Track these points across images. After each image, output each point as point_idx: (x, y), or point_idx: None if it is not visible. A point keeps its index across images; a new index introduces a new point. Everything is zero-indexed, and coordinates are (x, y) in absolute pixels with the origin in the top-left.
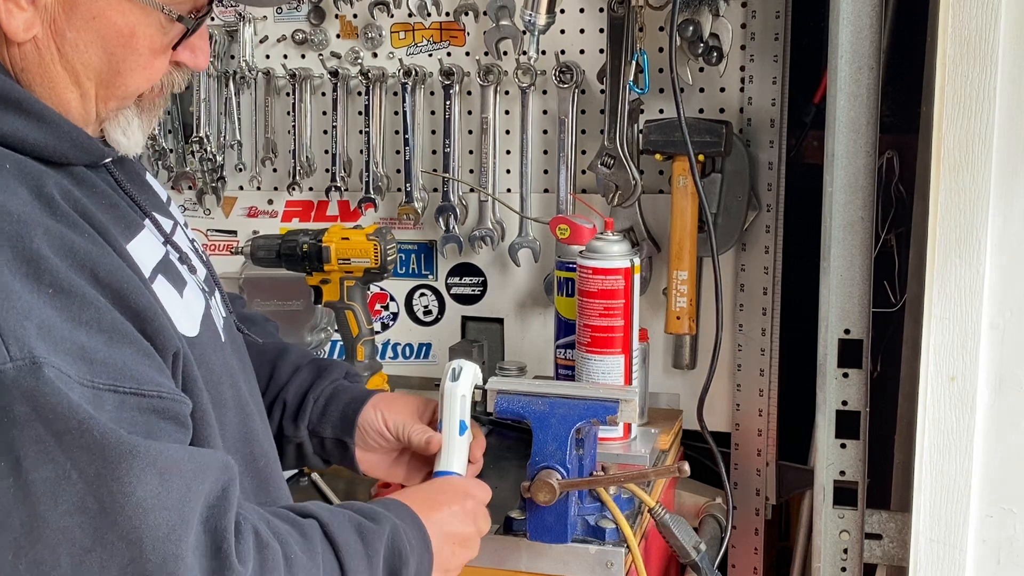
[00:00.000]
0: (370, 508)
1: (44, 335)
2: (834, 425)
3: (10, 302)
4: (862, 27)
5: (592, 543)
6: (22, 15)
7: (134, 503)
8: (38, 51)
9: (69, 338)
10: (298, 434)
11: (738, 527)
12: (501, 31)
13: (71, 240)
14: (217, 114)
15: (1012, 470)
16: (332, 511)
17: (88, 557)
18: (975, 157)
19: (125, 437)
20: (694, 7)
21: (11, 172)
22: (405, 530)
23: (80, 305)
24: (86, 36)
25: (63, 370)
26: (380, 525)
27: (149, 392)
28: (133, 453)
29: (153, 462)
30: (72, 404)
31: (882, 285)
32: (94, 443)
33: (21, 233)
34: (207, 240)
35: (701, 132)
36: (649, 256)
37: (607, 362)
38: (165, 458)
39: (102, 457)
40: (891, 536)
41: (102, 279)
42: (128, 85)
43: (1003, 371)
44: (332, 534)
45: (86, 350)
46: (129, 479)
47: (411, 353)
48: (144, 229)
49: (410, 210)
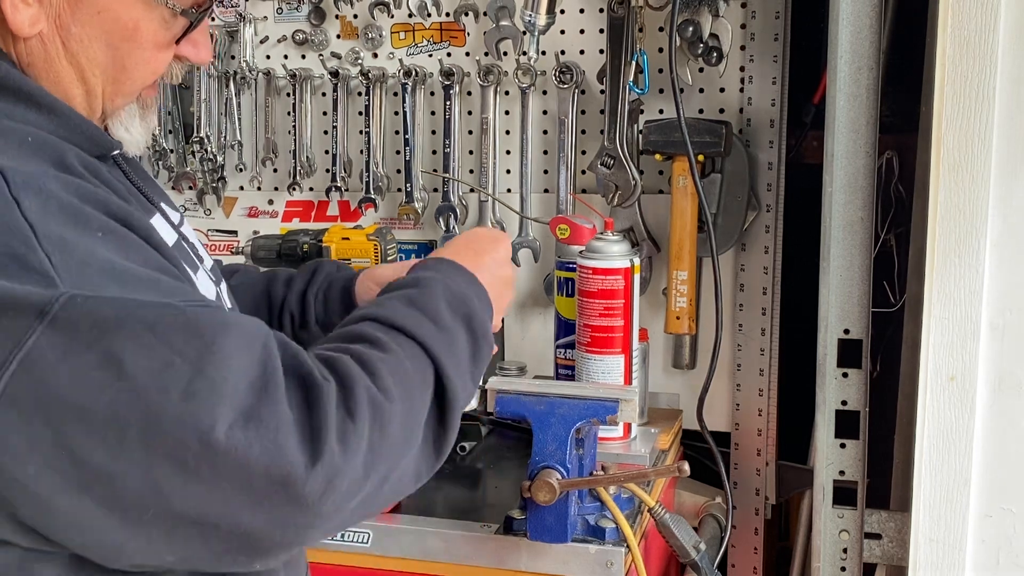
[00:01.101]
0: (412, 279)
1: (109, 273)
2: (834, 425)
3: (67, 252)
4: (862, 27)
5: (592, 543)
6: (27, 10)
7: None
8: (43, 46)
9: (131, 271)
10: (310, 333)
11: (738, 527)
12: (501, 31)
13: (98, 193)
14: (217, 114)
15: (1011, 470)
16: (377, 304)
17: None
18: (975, 157)
19: (214, 313)
20: (694, 7)
21: (32, 145)
22: (453, 277)
23: (126, 246)
24: (91, 31)
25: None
26: (429, 287)
27: (212, 304)
28: (227, 327)
29: (241, 332)
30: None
31: (882, 285)
32: (190, 324)
33: (61, 187)
34: (208, 240)
35: (701, 132)
36: (649, 256)
37: (607, 362)
38: (240, 324)
39: (199, 336)
40: (890, 536)
41: (136, 228)
42: (133, 80)
43: (1003, 371)
44: (389, 319)
45: (148, 277)
46: (229, 351)
47: None
48: (157, 215)
49: (410, 210)
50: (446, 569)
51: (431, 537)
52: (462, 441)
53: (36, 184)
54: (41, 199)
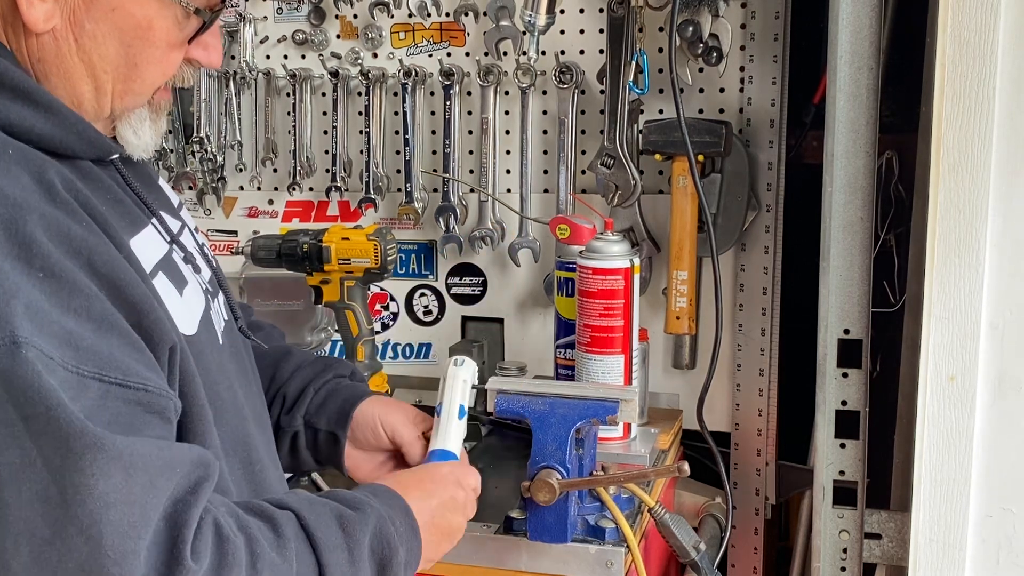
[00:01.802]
0: (354, 497)
1: (31, 315)
2: (834, 425)
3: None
4: (862, 27)
5: (592, 543)
6: (42, 6)
7: (95, 497)
8: (56, 42)
9: (57, 322)
10: (293, 424)
11: (738, 527)
12: (501, 31)
13: (68, 227)
14: (217, 114)
15: (1011, 470)
16: (312, 502)
17: (47, 549)
18: (975, 157)
19: (91, 429)
20: (694, 7)
21: (13, 158)
22: (393, 519)
23: (70, 291)
24: (104, 28)
25: (46, 352)
26: (364, 515)
27: (135, 384)
28: (98, 446)
29: (118, 456)
30: (44, 388)
31: (882, 285)
32: (59, 431)
33: (15, 216)
34: (208, 240)
35: (701, 132)
36: (649, 256)
37: (607, 362)
38: (131, 453)
39: (66, 447)
40: (890, 536)
41: (98, 268)
42: (144, 79)
43: (1002, 371)
44: (309, 527)
45: (73, 336)
46: (92, 472)
47: (411, 353)
48: (148, 227)
49: (410, 210)
50: (446, 569)
51: None
52: None
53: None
54: None
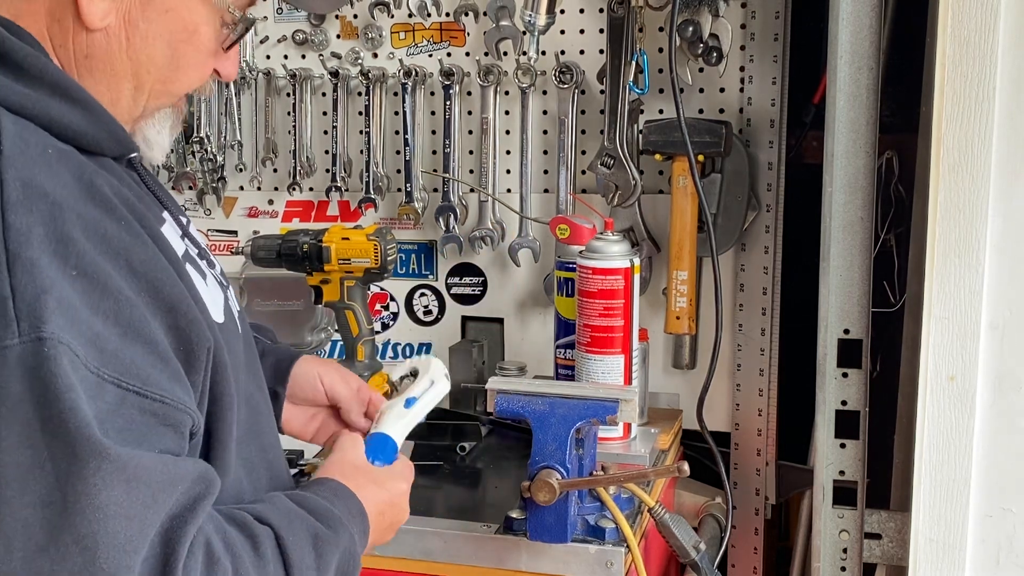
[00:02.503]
0: (328, 511)
1: (62, 310)
2: (833, 425)
3: (31, 275)
4: (862, 27)
5: (592, 543)
6: (101, 3)
7: (95, 507)
8: (107, 40)
9: (85, 321)
10: None
11: (738, 527)
12: (501, 31)
13: (106, 227)
14: (217, 114)
15: (1012, 470)
16: (290, 518)
17: (40, 556)
18: (975, 157)
19: (98, 438)
20: (694, 7)
21: (54, 157)
22: (358, 537)
23: (101, 293)
24: (156, 28)
25: (73, 348)
26: (337, 535)
27: (152, 395)
28: (102, 455)
29: (122, 468)
30: (64, 388)
31: (882, 285)
32: (68, 435)
33: (55, 215)
34: (207, 240)
35: (701, 132)
36: (649, 256)
37: (607, 362)
38: (135, 466)
39: (73, 452)
40: (890, 536)
41: (136, 268)
42: (183, 82)
43: (1003, 371)
44: (286, 548)
45: (100, 338)
46: (95, 482)
47: (411, 353)
48: (167, 223)
49: (410, 210)
50: (446, 569)
51: (431, 537)
52: (462, 441)
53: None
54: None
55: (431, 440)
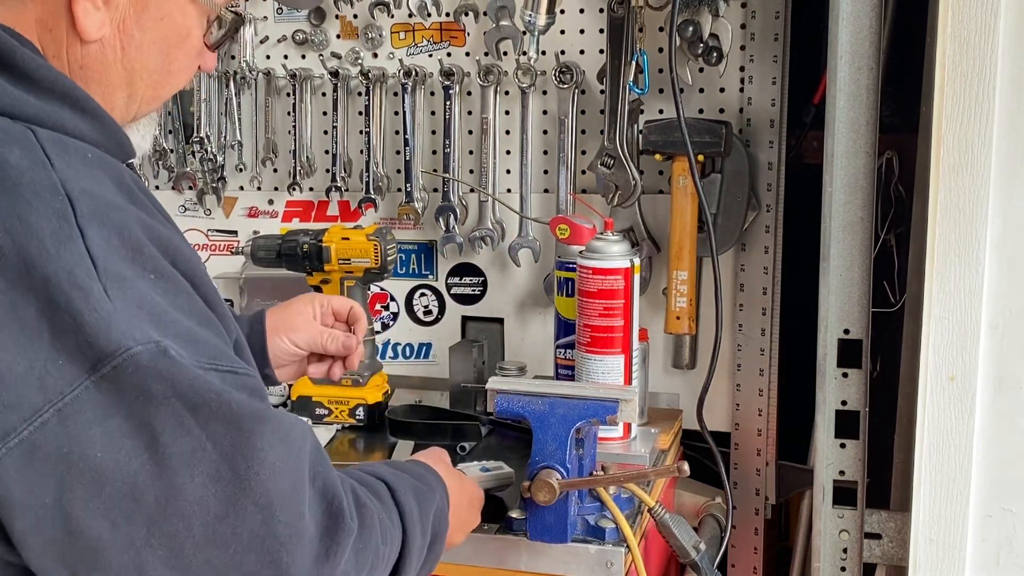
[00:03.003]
0: (418, 472)
1: (156, 320)
2: (834, 425)
3: (124, 289)
4: (862, 27)
5: (592, 543)
6: (96, 15)
7: (267, 467)
8: (103, 50)
9: (175, 321)
10: None
11: (738, 527)
12: (501, 31)
13: (156, 228)
14: (218, 114)
15: (1012, 470)
16: (395, 474)
17: (221, 524)
18: (975, 157)
19: (258, 405)
20: (694, 7)
21: (94, 162)
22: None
23: (176, 290)
24: (151, 36)
25: (179, 351)
26: (432, 491)
27: (239, 370)
28: (264, 419)
29: (277, 427)
30: (207, 379)
31: (882, 285)
32: (231, 414)
33: (125, 221)
34: (208, 240)
35: (701, 132)
36: (649, 256)
37: (607, 362)
38: (282, 422)
39: (238, 427)
40: (890, 536)
41: (181, 266)
42: (171, 86)
43: (1003, 371)
44: (399, 499)
45: (190, 332)
46: (262, 445)
47: (411, 353)
48: None
49: (410, 210)
50: (446, 569)
51: None
52: (462, 441)
53: (102, 214)
54: (105, 231)
55: (431, 440)
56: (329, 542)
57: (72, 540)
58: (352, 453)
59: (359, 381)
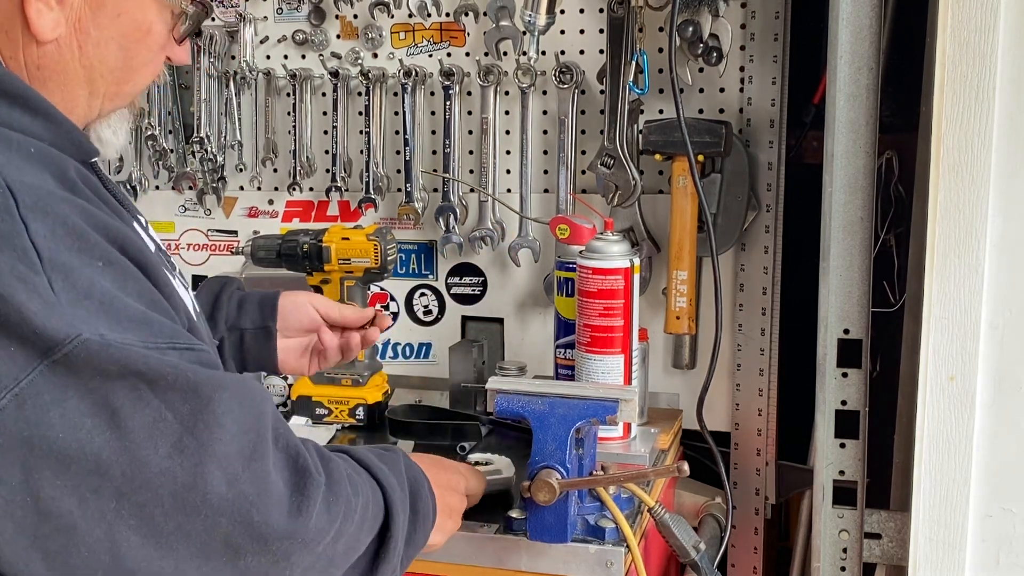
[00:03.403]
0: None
1: (106, 307)
2: (833, 425)
3: (71, 280)
4: (862, 27)
5: (592, 543)
6: (50, 15)
7: (227, 432)
8: (59, 50)
9: (126, 306)
10: (217, 332)
11: (738, 527)
12: (501, 31)
13: (101, 217)
14: (218, 114)
15: (1012, 470)
16: (348, 447)
17: (190, 493)
18: (975, 157)
19: (211, 373)
20: (694, 7)
21: (36, 156)
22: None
23: (124, 276)
24: (108, 34)
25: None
26: (394, 452)
27: (196, 347)
28: (222, 385)
29: (236, 392)
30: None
31: (881, 285)
32: (187, 383)
33: (68, 211)
34: (208, 240)
35: (701, 132)
36: (649, 256)
37: (607, 362)
38: (239, 386)
39: (195, 394)
40: (890, 536)
41: (130, 253)
42: (136, 82)
43: (1003, 371)
44: (359, 457)
45: (143, 315)
46: (221, 411)
47: (411, 353)
48: (134, 222)
49: (410, 210)
50: (446, 569)
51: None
52: (462, 441)
53: (44, 206)
54: (49, 222)
55: (431, 440)
56: (299, 497)
57: (43, 521)
58: None
59: (359, 381)
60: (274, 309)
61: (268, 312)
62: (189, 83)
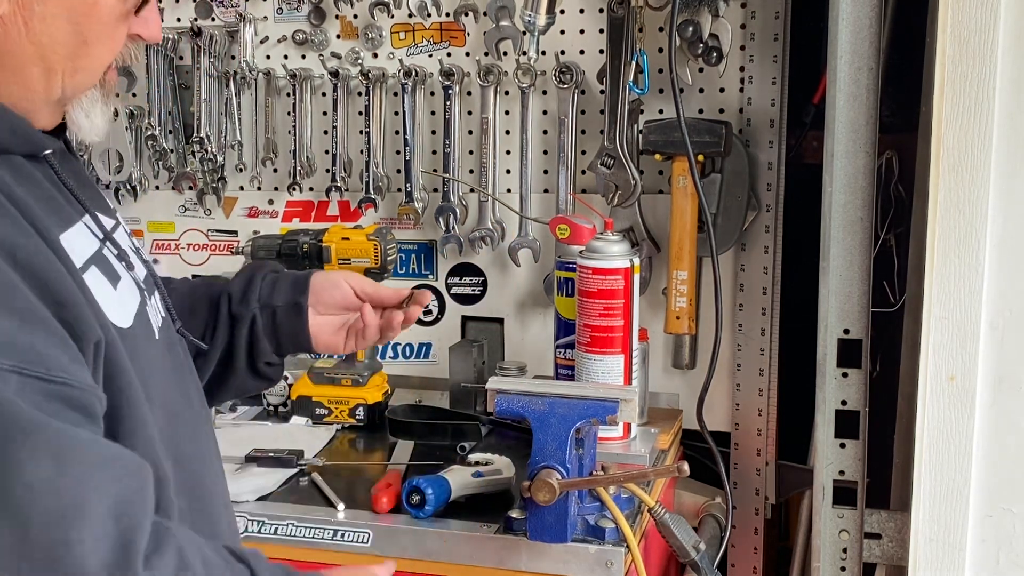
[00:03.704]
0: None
1: None
2: (833, 425)
3: None
4: (862, 27)
5: (592, 543)
6: None
7: (22, 484)
8: (4, 29)
9: None
10: (249, 309)
11: (738, 527)
12: (501, 31)
13: None
14: (218, 114)
15: (1011, 470)
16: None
17: None
18: (975, 157)
19: (25, 413)
20: (694, 7)
21: None
22: None
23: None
24: (53, 8)
25: None
26: None
27: (56, 378)
28: (27, 430)
29: (47, 443)
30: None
31: (881, 285)
32: None
33: None
34: (208, 240)
35: (701, 132)
36: (649, 256)
37: (607, 362)
38: (63, 440)
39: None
40: (890, 536)
41: (21, 261)
42: (93, 57)
43: (1002, 371)
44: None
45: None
46: (20, 458)
47: (411, 353)
48: (79, 223)
49: (410, 210)
50: (446, 569)
51: (431, 537)
52: (462, 441)
53: None
54: None
55: (431, 440)
56: None
57: None
58: (352, 453)
59: (359, 381)
60: (306, 286)
61: (300, 289)
62: (189, 83)
